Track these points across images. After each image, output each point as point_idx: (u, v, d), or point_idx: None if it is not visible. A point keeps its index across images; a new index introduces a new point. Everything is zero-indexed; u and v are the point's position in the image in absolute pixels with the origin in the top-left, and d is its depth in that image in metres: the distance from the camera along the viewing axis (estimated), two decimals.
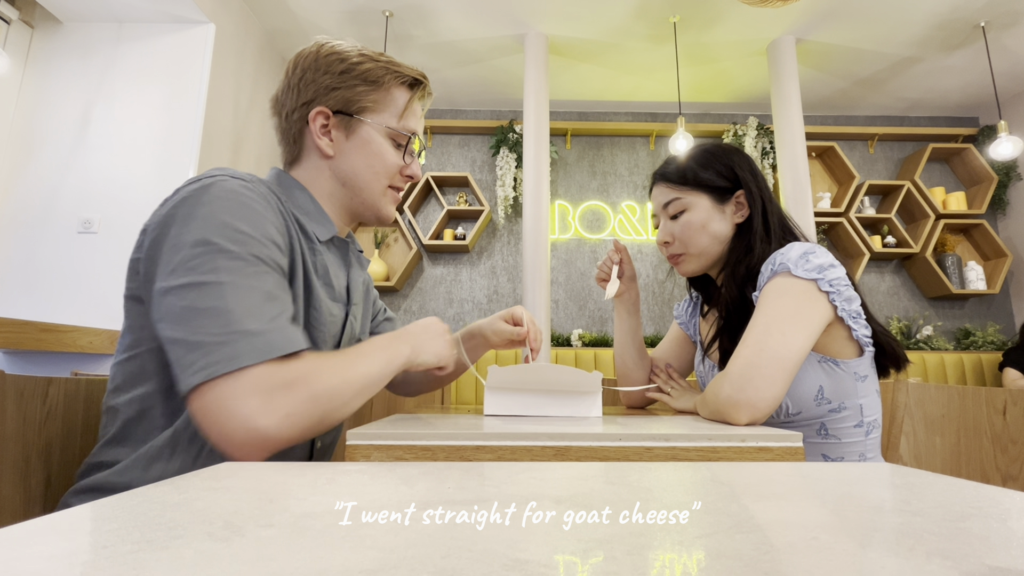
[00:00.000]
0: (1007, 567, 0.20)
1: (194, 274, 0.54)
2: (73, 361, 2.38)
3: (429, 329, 0.73)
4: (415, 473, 0.38)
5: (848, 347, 0.80)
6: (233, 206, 0.59)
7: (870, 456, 0.82)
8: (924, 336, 3.67)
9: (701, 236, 0.93)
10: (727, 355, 0.90)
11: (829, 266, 0.79)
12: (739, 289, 0.88)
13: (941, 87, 3.80)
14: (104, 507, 0.29)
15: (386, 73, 0.74)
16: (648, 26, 3.20)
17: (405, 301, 3.87)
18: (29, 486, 0.66)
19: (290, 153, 0.76)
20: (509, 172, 3.81)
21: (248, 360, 0.51)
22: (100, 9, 2.61)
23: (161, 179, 2.55)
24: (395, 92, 0.75)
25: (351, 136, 0.74)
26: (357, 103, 0.73)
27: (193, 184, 0.61)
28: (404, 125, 0.76)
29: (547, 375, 0.76)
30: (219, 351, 0.51)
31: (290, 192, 0.73)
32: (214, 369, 0.50)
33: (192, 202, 0.59)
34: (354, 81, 0.72)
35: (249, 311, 0.54)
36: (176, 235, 0.57)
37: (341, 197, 0.76)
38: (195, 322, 0.52)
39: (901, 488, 0.35)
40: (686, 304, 1.13)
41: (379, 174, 0.75)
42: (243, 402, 0.51)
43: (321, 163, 0.74)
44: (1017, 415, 0.81)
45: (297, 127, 0.74)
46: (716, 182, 0.93)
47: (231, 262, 0.55)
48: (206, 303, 0.53)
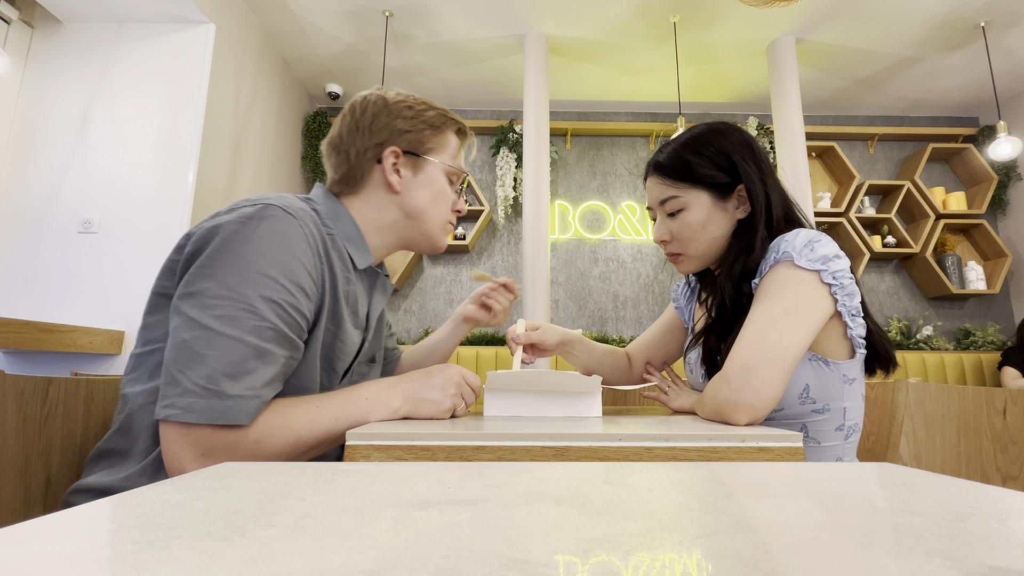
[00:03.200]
0: (1007, 567, 0.20)
1: (205, 313, 0.59)
2: (73, 361, 2.38)
3: (432, 380, 0.73)
4: (415, 473, 0.38)
5: (841, 346, 0.78)
6: (273, 248, 0.63)
7: (847, 460, 0.80)
8: (924, 336, 3.67)
9: (701, 237, 0.88)
10: (711, 354, 0.87)
11: (834, 256, 0.75)
12: (735, 287, 0.85)
13: (941, 87, 3.80)
14: (104, 507, 0.29)
15: (444, 120, 0.85)
16: (648, 26, 3.20)
17: (405, 301, 3.88)
18: (29, 486, 0.66)
19: (351, 187, 0.82)
20: (509, 172, 3.81)
21: (199, 420, 0.56)
22: (100, 9, 2.60)
23: (161, 179, 2.55)
24: (450, 136, 0.86)
25: (418, 173, 0.82)
26: (424, 144, 0.82)
27: (246, 208, 0.65)
28: (457, 164, 0.87)
29: (546, 378, 0.76)
30: (185, 399, 0.56)
31: (337, 217, 0.78)
32: (175, 413, 0.56)
33: (239, 231, 0.63)
34: (421, 125, 0.82)
35: (232, 372, 0.58)
36: (209, 259, 0.61)
37: (402, 228, 0.83)
38: (183, 361, 0.58)
39: (901, 488, 0.35)
40: (684, 288, 1.09)
41: (442, 207, 0.84)
42: (180, 453, 0.57)
43: (386, 197, 0.81)
44: (1017, 415, 0.81)
45: (368, 165, 0.81)
46: (717, 178, 0.86)
47: (241, 313, 0.60)
48: (199, 347, 0.58)
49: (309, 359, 0.69)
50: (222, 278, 0.60)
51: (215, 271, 0.60)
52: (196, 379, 0.57)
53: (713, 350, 0.87)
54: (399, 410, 0.69)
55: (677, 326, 1.10)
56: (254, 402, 0.59)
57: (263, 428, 0.60)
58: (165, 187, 2.54)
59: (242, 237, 0.62)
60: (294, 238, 0.65)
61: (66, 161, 2.57)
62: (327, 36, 3.34)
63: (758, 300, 0.77)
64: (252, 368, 0.59)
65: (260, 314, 0.60)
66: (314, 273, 0.67)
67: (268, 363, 0.61)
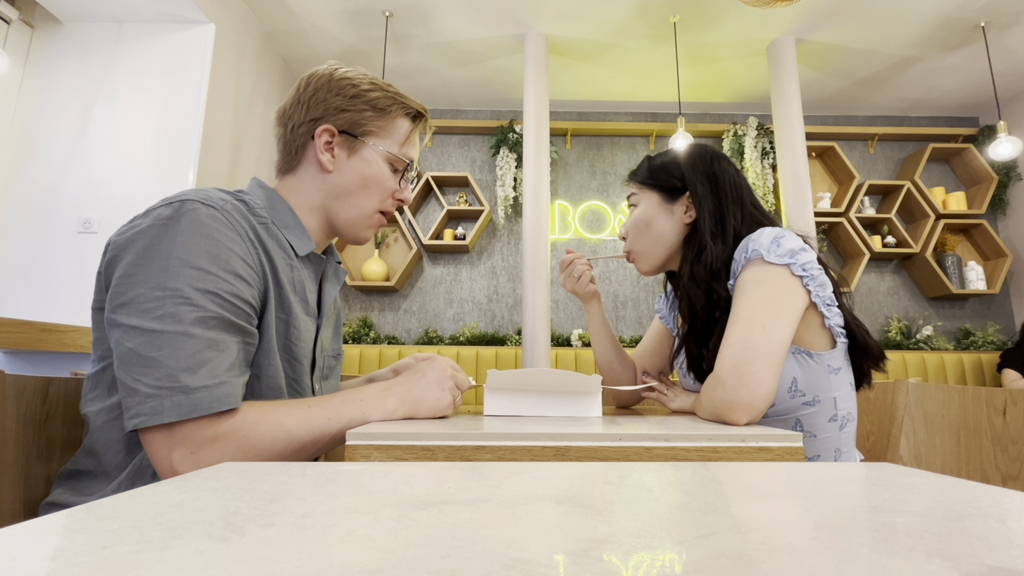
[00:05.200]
0: (1007, 567, 0.20)
1: (144, 317, 0.57)
2: (73, 361, 2.38)
3: (425, 378, 0.73)
4: (415, 473, 0.38)
5: (821, 337, 0.80)
6: (198, 241, 0.61)
7: (845, 451, 0.81)
8: (924, 336, 3.67)
9: (645, 233, 0.96)
10: (695, 360, 0.90)
11: (800, 250, 0.78)
12: (704, 290, 0.87)
13: (941, 87, 3.80)
14: (104, 507, 0.29)
15: (393, 103, 0.79)
16: (648, 26, 3.20)
17: (405, 301, 3.88)
18: (29, 486, 0.66)
19: (287, 163, 0.79)
20: (509, 172, 3.81)
21: (171, 418, 0.55)
22: (100, 9, 2.60)
23: (161, 179, 2.55)
24: (399, 121, 0.80)
25: (353, 155, 0.78)
26: (363, 126, 0.78)
27: (162, 209, 0.62)
28: (404, 152, 0.81)
29: (546, 378, 0.76)
30: (148, 403, 0.55)
31: (272, 205, 0.75)
32: (142, 420, 0.55)
33: (157, 233, 0.60)
34: (363, 106, 0.77)
35: (188, 365, 0.56)
36: (134, 267, 0.59)
37: (327, 210, 0.79)
38: (136, 368, 0.56)
39: (901, 488, 0.35)
40: (664, 298, 1.13)
41: (372, 193, 0.79)
42: (168, 454, 0.56)
43: (318, 176, 0.78)
44: (1017, 415, 0.81)
45: (301, 140, 0.77)
46: (667, 181, 0.95)
47: (180, 308, 0.58)
48: (147, 351, 0.56)
49: (267, 348, 0.67)
50: (153, 281, 0.58)
51: (143, 276, 0.58)
52: (153, 382, 0.55)
53: (696, 355, 0.89)
54: (395, 411, 0.68)
55: (666, 335, 1.12)
56: (221, 388, 0.58)
57: (251, 422, 0.59)
58: (165, 187, 2.54)
59: (165, 238, 0.60)
60: (218, 228, 0.63)
61: (66, 161, 2.57)
62: (327, 36, 3.34)
63: (736, 300, 0.79)
64: (207, 358, 0.58)
65: (200, 304, 0.58)
66: (249, 260, 0.65)
67: (222, 351, 0.59)
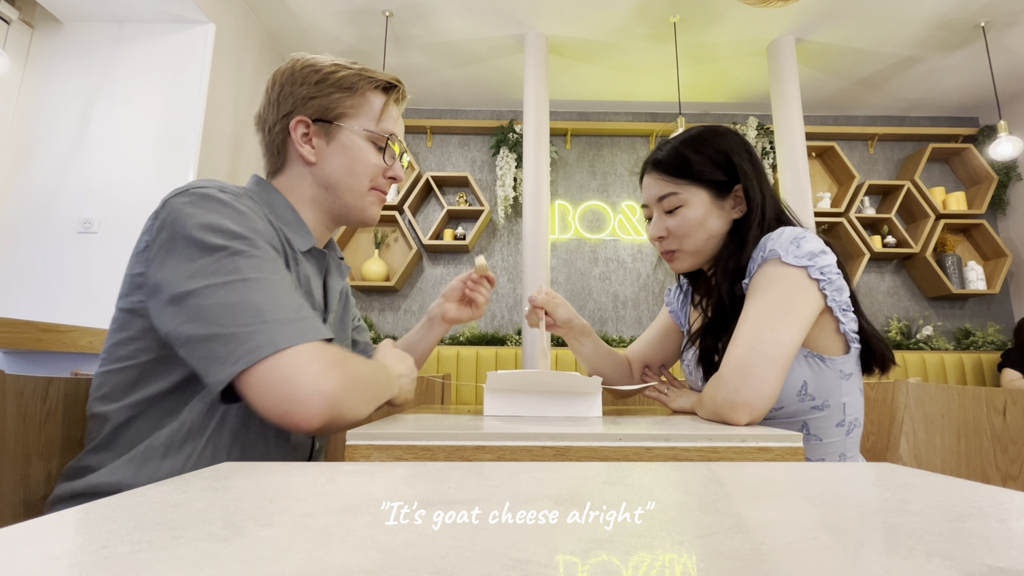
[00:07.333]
0: (1007, 567, 0.20)
1: (216, 276, 0.56)
2: (73, 361, 2.38)
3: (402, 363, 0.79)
4: (415, 473, 0.38)
5: (834, 342, 0.79)
6: (233, 214, 0.61)
7: (850, 456, 0.81)
8: (924, 336, 3.67)
9: (698, 234, 0.89)
10: (708, 353, 0.88)
11: (820, 252, 0.76)
12: (731, 285, 0.86)
13: (941, 87, 3.80)
14: (104, 507, 0.29)
15: (360, 79, 0.76)
16: (648, 26, 3.20)
17: (405, 301, 3.87)
18: (29, 486, 0.66)
19: (273, 164, 0.78)
20: (509, 172, 3.81)
21: (288, 343, 0.54)
22: (100, 9, 2.60)
23: (161, 179, 2.55)
24: (370, 96, 0.77)
25: (332, 142, 0.76)
26: (334, 110, 0.75)
27: (186, 193, 0.61)
28: (382, 127, 0.78)
29: (546, 379, 0.76)
30: (257, 338, 0.53)
31: (271, 202, 0.74)
32: (256, 354, 0.53)
33: (191, 212, 0.59)
34: (330, 89, 0.75)
35: (277, 304, 0.56)
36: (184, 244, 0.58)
37: (324, 201, 0.77)
38: (227, 317, 0.54)
39: (901, 488, 0.35)
40: (677, 291, 1.10)
41: (361, 176, 0.77)
42: (306, 367, 0.54)
43: (304, 170, 0.76)
44: (1017, 415, 0.81)
45: (280, 139, 0.76)
46: (716, 176, 0.88)
47: (248, 260, 0.58)
48: (234, 299, 0.55)
49: None
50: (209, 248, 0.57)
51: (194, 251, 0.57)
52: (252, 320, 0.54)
53: (711, 349, 0.87)
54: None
55: (673, 329, 1.10)
56: (317, 320, 0.59)
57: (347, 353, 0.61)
58: (165, 187, 2.52)
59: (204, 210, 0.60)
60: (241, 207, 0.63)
61: (66, 161, 2.57)
62: (327, 36, 3.34)
63: (749, 299, 0.77)
64: (293, 300, 0.59)
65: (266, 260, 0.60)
66: (271, 239, 0.65)
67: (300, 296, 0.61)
